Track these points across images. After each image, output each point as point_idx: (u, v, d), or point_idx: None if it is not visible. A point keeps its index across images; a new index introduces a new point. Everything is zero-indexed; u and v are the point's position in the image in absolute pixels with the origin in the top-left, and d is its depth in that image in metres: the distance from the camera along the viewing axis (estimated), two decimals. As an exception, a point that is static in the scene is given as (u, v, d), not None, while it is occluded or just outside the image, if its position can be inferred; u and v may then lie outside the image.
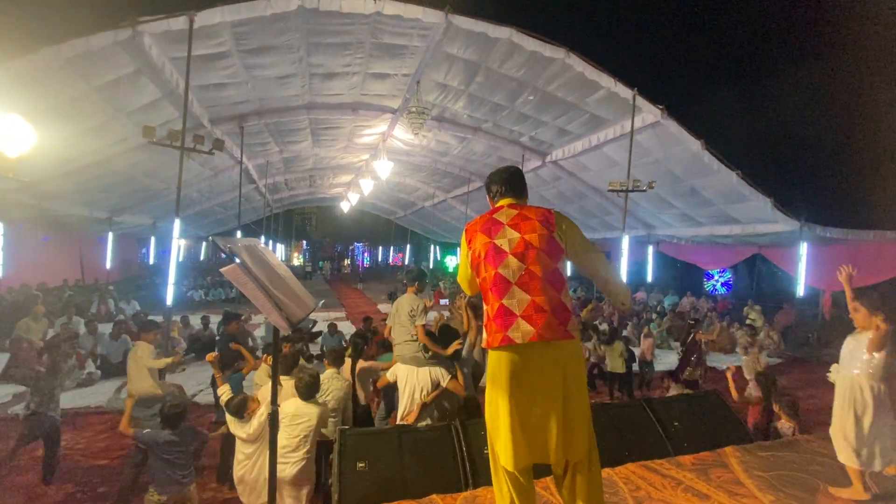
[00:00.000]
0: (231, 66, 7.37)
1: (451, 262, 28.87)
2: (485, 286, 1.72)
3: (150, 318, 8.87)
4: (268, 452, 1.85)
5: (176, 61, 6.61)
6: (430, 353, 3.53)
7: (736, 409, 3.49)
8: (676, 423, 3.10)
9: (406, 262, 34.46)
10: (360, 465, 2.36)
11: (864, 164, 13.95)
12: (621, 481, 2.39)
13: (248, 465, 2.78)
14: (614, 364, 6.37)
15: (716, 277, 17.64)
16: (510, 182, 1.89)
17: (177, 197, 5.67)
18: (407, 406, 3.46)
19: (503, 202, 1.85)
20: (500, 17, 7.03)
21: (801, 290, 9.78)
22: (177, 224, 5.78)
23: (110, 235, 13.28)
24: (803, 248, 9.35)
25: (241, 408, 2.88)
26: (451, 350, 3.56)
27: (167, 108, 7.66)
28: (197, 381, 6.55)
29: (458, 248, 1.87)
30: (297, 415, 2.81)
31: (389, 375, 3.67)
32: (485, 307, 1.75)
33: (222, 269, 1.41)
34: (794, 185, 13.44)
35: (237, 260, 1.36)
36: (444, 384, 3.47)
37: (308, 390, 2.91)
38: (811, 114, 15.22)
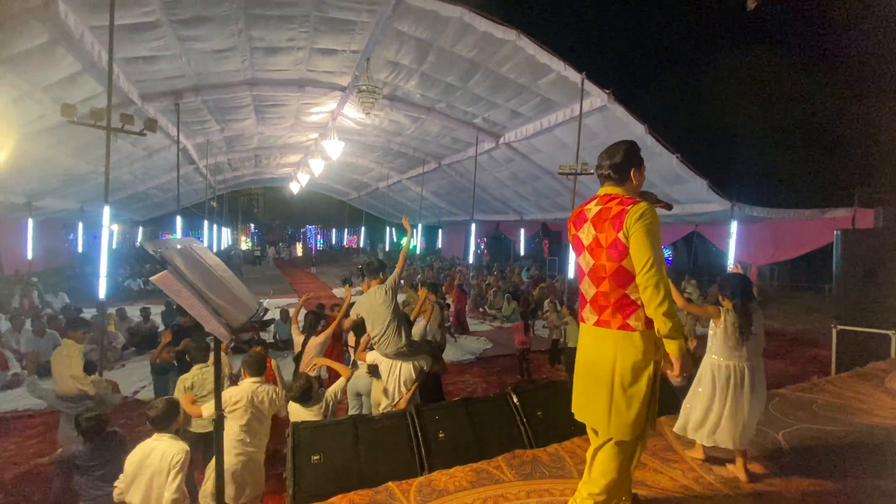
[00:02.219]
0: (162, 38, 6.77)
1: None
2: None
3: (81, 312, 8.30)
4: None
5: (97, 31, 5.98)
6: (412, 347, 3.54)
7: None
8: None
9: (361, 245, 33.97)
10: (315, 457, 2.35)
11: (786, 149, 15.14)
12: (567, 455, 2.54)
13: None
14: (572, 340, 6.67)
15: (657, 254, 18.67)
16: (613, 168, 1.92)
17: (105, 182, 5.20)
18: (395, 394, 3.47)
19: (601, 191, 1.94)
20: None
21: (731, 266, 10.59)
22: (106, 211, 5.32)
23: (30, 222, 12.09)
24: (733, 227, 10.08)
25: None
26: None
27: (90, 83, 6.96)
28: (138, 377, 6.21)
29: None
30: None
31: (369, 359, 3.65)
32: None
33: (152, 279, 1.30)
34: (727, 167, 14.38)
35: (168, 266, 1.27)
36: (425, 369, 3.58)
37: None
38: (742, 102, 16.25)
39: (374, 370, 3.69)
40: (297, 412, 3.07)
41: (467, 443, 2.68)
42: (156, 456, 2.25)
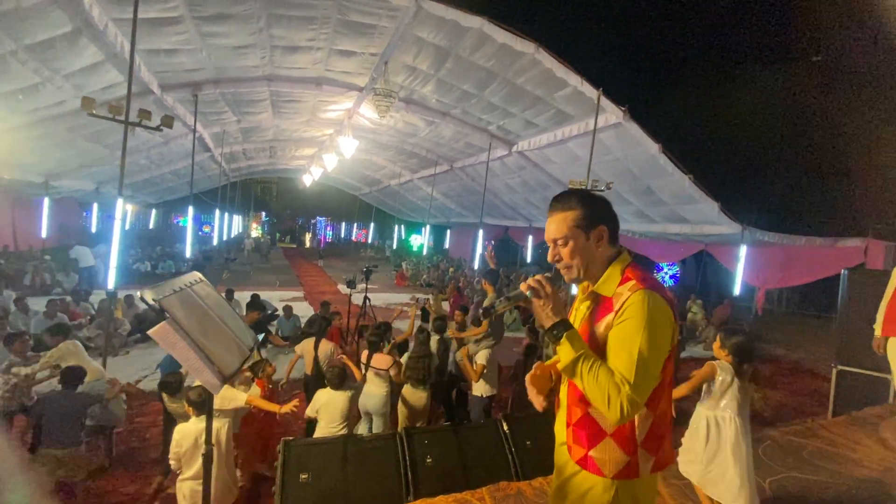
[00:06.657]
0: (184, 32, 6.87)
1: (415, 241, 28.82)
2: None
3: (91, 294, 8.46)
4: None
5: (120, 23, 6.09)
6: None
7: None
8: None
9: (370, 240, 34.12)
10: (303, 476, 2.41)
11: (803, 175, 14.93)
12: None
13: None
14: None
15: (665, 270, 18.58)
16: None
17: (120, 175, 5.29)
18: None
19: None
20: (474, 5, 6.90)
21: (737, 289, 10.49)
22: (120, 203, 5.40)
23: (46, 200, 12.33)
24: (742, 251, 9.97)
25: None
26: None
27: (111, 72, 7.09)
28: (141, 366, 6.34)
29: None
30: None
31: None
32: None
33: (150, 332, 1.35)
34: (739, 188, 14.23)
35: (167, 317, 1.30)
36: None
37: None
38: (760, 125, 16.05)
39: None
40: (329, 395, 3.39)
41: (454, 469, 2.71)
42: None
